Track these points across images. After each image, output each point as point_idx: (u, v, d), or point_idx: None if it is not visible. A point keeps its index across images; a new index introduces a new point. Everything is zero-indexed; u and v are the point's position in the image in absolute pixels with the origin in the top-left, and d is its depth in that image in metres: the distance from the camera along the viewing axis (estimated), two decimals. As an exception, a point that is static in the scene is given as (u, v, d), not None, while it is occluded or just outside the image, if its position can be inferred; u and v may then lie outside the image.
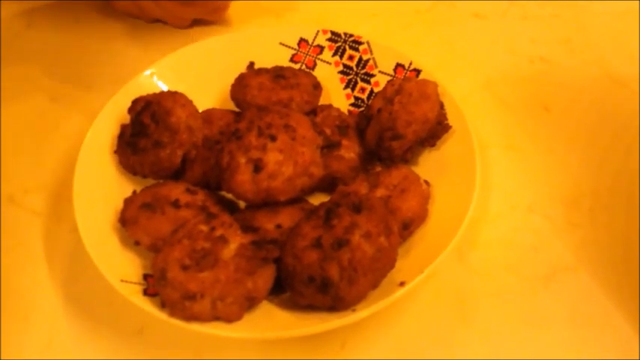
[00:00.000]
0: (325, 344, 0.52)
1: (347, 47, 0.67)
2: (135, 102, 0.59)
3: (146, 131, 0.57)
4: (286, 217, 0.54)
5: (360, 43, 0.67)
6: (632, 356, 0.52)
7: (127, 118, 0.60)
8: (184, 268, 0.47)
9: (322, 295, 0.48)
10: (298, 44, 0.68)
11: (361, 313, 0.48)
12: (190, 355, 0.52)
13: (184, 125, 0.57)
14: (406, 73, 0.64)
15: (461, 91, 0.62)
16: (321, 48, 0.68)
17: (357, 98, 0.67)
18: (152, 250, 0.51)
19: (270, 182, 0.53)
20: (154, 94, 0.59)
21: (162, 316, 0.48)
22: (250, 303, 0.49)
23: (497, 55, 0.75)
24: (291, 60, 0.68)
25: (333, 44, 0.68)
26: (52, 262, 0.58)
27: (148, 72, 0.64)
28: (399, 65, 0.65)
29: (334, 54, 0.68)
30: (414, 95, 0.58)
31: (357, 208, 0.50)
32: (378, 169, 0.60)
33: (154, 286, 0.49)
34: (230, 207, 0.57)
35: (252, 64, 0.67)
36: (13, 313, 0.55)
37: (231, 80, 0.64)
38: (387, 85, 0.61)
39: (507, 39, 0.76)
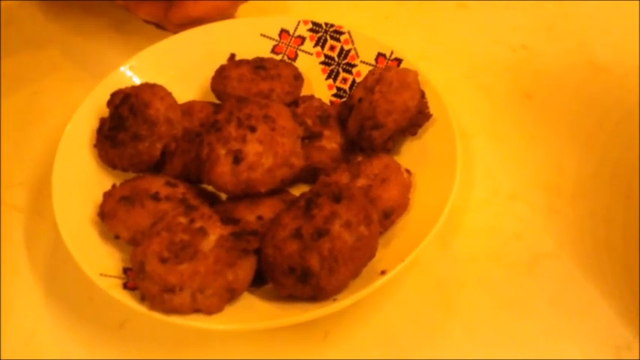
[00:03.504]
0: (307, 335, 0.52)
1: (328, 37, 0.67)
2: (113, 95, 0.59)
3: (124, 124, 0.56)
4: (267, 209, 0.54)
5: (342, 33, 0.66)
6: (615, 341, 0.52)
7: (106, 112, 0.59)
8: (163, 260, 0.47)
9: (303, 286, 0.48)
10: (279, 35, 0.68)
11: (342, 302, 0.48)
12: (172, 348, 0.52)
13: (163, 117, 0.56)
14: (387, 63, 0.64)
15: (443, 79, 0.62)
16: (303, 39, 0.67)
17: (339, 89, 0.66)
18: (132, 244, 0.51)
19: (250, 173, 0.53)
20: (133, 87, 0.59)
21: (142, 309, 0.47)
22: (231, 295, 0.48)
23: (479, 44, 0.74)
24: (273, 51, 0.68)
25: (315, 35, 0.67)
26: (33, 258, 0.57)
27: (127, 65, 0.64)
28: (380, 55, 0.64)
29: (315, 44, 0.67)
30: (394, 84, 0.57)
31: (337, 198, 0.50)
32: (360, 158, 0.60)
33: (133, 279, 0.49)
34: (211, 199, 0.57)
35: (232, 55, 0.66)
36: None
37: (212, 72, 0.64)
38: (367, 74, 0.61)
39: (489, 27, 0.76)
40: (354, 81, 0.66)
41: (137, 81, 0.63)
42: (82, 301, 0.54)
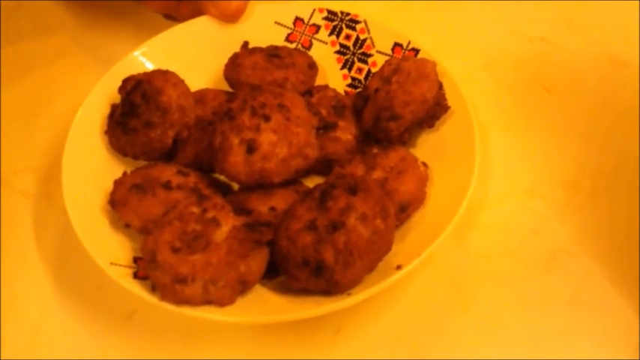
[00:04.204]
0: (320, 329, 0.51)
1: (344, 26, 0.66)
2: (125, 81, 0.58)
3: (136, 111, 0.55)
4: (280, 200, 0.53)
5: (357, 22, 0.65)
6: (634, 340, 0.51)
7: (117, 98, 0.58)
8: (175, 250, 0.46)
9: (317, 279, 0.47)
10: (294, 23, 0.66)
11: (356, 297, 0.47)
12: (182, 339, 0.51)
13: (176, 105, 0.55)
14: (404, 53, 0.62)
15: (460, 71, 0.61)
16: (318, 27, 0.66)
17: (354, 79, 0.65)
18: (143, 233, 0.50)
19: (263, 163, 0.52)
20: (145, 73, 0.58)
21: (152, 299, 0.46)
22: (243, 287, 0.47)
23: (497, 35, 0.73)
24: (287, 39, 0.66)
25: (330, 23, 0.66)
26: (41, 245, 0.57)
27: (139, 51, 0.62)
28: (397, 45, 0.63)
29: (331, 33, 0.66)
30: (412, 75, 0.56)
31: (353, 190, 0.49)
32: (375, 150, 0.59)
33: (144, 269, 0.48)
34: (223, 189, 0.56)
35: (246, 43, 0.65)
36: (0, 296, 0.54)
37: (225, 60, 0.63)
38: (384, 64, 0.60)
39: (507, 18, 0.75)
40: (369, 71, 0.64)
41: (149, 67, 0.62)
42: (91, 290, 0.53)
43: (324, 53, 0.66)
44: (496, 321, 0.52)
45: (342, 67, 0.66)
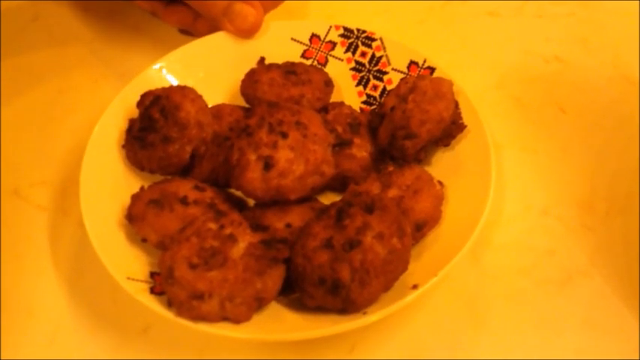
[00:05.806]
0: (334, 347, 0.51)
1: (360, 44, 0.66)
2: (144, 96, 0.58)
3: (155, 126, 0.55)
4: (296, 216, 0.53)
5: (373, 40, 0.65)
6: (648, 363, 0.51)
7: (135, 113, 0.59)
8: (192, 266, 0.46)
9: (332, 297, 0.47)
10: (310, 40, 0.67)
11: (372, 316, 0.47)
12: (196, 355, 0.51)
13: (194, 120, 0.56)
14: (420, 71, 0.63)
15: (474, 90, 0.61)
16: (334, 44, 0.67)
17: (369, 96, 0.65)
18: (159, 248, 0.50)
19: (280, 180, 0.52)
20: (163, 89, 0.58)
21: (168, 315, 0.47)
22: (259, 303, 0.47)
23: (512, 54, 0.73)
24: (303, 56, 0.67)
25: (346, 40, 0.66)
26: (56, 258, 0.57)
27: (156, 66, 0.63)
28: (412, 63, 0.63)
29: (346, 50, 0.66)
30: (429, 94, 0.56)
31: (370, 209, 0.49)
32: (391, 168, 0.59)
33: (160, 284, 0.48)
34: (238, 205, 0.56)
35: (262, 59, 0.66)
36: (16, 309, 0.54)
37: (242, 75, 0.63)
38: (400, 82, 0.60)
39: (522, 37, 0.75)
40: (384, 88, 0.65)
41: (166, 82, 0.62)
42: (106, 304, 0.54)
43: (339, 70, 0.66)
44: (510, 340, 0.52)
45: (358, 84, 0.66)
